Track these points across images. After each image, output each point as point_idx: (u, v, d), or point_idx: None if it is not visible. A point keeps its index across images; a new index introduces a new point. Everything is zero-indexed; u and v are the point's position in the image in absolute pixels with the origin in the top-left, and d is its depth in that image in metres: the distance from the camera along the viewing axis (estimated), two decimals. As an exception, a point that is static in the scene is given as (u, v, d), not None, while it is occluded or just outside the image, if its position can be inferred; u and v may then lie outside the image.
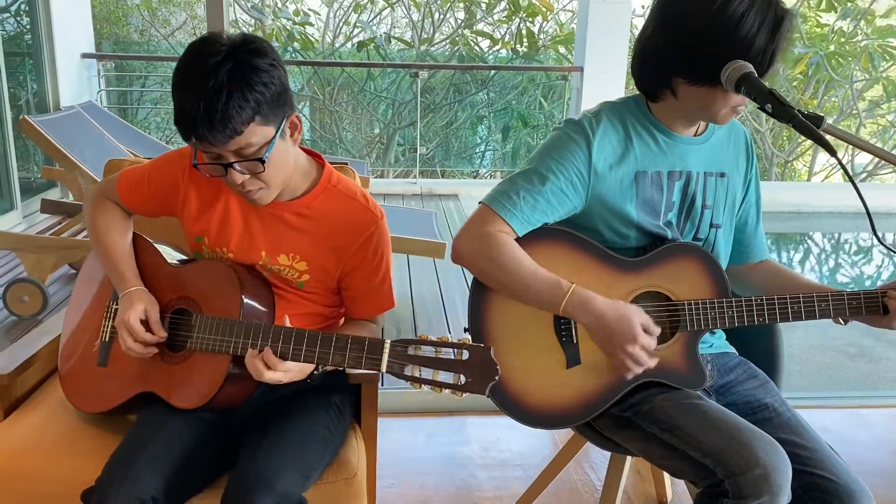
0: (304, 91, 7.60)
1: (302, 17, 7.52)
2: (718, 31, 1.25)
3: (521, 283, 1.37)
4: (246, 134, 1.27)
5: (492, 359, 1.19)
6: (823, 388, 3.24)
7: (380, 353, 1.23)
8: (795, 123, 1.17)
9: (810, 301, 1.43)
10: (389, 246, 1.54)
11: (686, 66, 1.31)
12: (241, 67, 1.25)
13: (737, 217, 1.58)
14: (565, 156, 1.40)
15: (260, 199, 1.39)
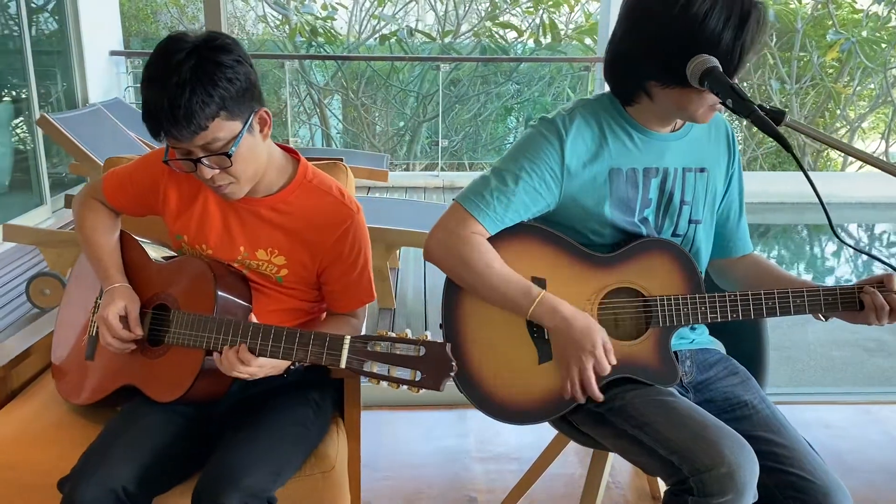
0: (328, 85, 7.65)
1: (330, 10, 7.58)
2: (683, 31, 1.24)
3: (490, 285, 1.39)
4: (212, 129, 1.30)
5: (447, 355, 1.20)
6: (837, 384, 3.18)
7: (339, 349, 1.25)
8: (754, 118, 1.17)
9: (785, 297, 1.41)
10: (367, 240, 1.56)
11: (656, 69, 1.30)
12: (204, 64, 1.28)
13: (718, 211, 1.56)
14: (538, 154, 1.40)
15: (231, 194, 1.41)
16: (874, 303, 1.38)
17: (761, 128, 1.16)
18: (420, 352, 1.21)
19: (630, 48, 1.34)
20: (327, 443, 1.56)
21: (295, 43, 7.29)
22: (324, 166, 2.01)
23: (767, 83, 7.81)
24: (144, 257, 1.56)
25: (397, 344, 1.23)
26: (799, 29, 7.36)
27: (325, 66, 7.59)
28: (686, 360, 1.55)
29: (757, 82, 7.92)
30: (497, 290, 1.38)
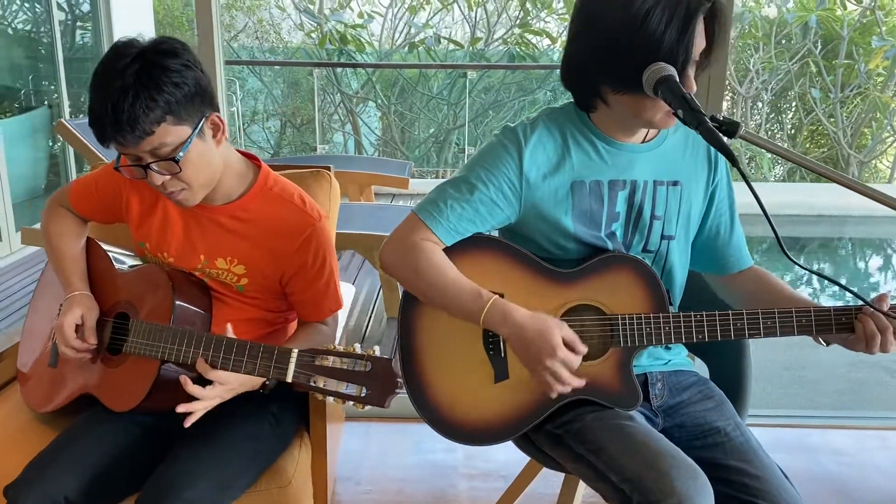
0: (360, 93, 7.70)
1: (366, 19, 7.63)
2: (625, 33, 1.20)
3: (442, 292, 1.34)
4: (158, 134, 1.29)
5: (392, 371, 1.18)
6: (852, 407, 3.04)
7: (286, 363, 1.23)
8: (702, 130, 1.12)
9: (755, 318, 1.33)
10: (332, 248, 1.53)
11: (606, 75, 1.27)
12: (148, 68, 1.27)
13: (707, 227, 1.49)
14: (496, 164, 1.36)
15: (185, 201, 1.40)
16: (878, 325, 1.28)
17: (708, 140, 1.11)
18: (366, 367, 1.19)
19: (579, 53, 1.30)
20: (286, 457, 1.54)
21: (326, 50, 7.35)
22: (308, 174, 2.00)
23: (808, 91, 7.59)
24: (109, 265, 1.56)
25: (344, 359, 1.20)
26: (844, 36, 7.15)
27: (356, 74, 7.64)
28: (657, 383, 1.48)
29: (798, 91, 7.72)
30: (449, 296, 1.33)
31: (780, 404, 3.06)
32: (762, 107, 7.94)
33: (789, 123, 8.13)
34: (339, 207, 2.07)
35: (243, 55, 7.85)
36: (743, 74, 7.80)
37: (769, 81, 7.64)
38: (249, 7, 8.02)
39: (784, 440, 2.52)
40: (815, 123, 7.78)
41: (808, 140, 8.15)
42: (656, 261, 1.45)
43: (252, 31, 7.95)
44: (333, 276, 1.53)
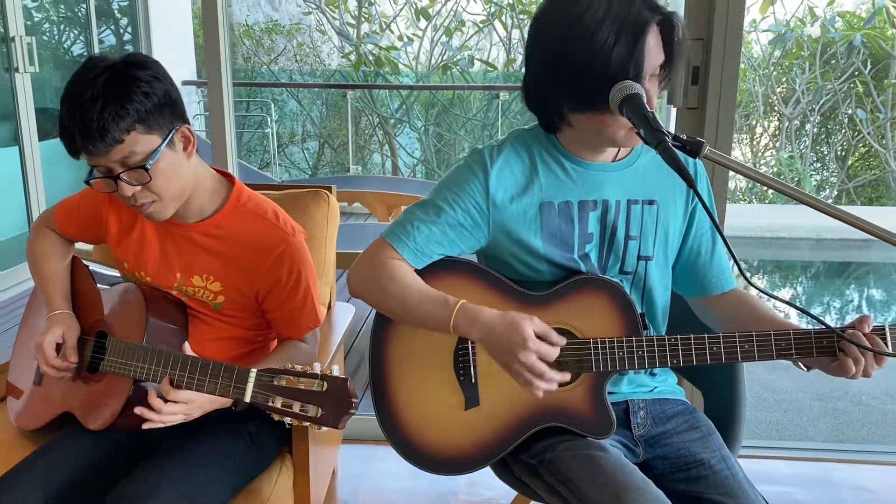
0: (395, 115, 7.75)
1: (406, 42, 7.70)
2: (576, 50, 1.18)
3: (409, 306, 1.32)
4: (128, 142, 1.29)
5: (348, 391, 1.15)
6: (887, 441, 2.89)
7: (244, 383, 1.21)
8: (661, 149, 1.08)
9: (731, 342, 1.27)
10: (308, 264, 1.52)
11: (562, 93, 1.24)
12: (118, 78, 1.29)
13: (687, 248, 1.44)
14: (462, 187, 1.34)
15: (156, 213, 1.39)
16: (860, 346, 1.21)
17: (666, 160, 1.07)
18: (323, 387, 1.16)
19: (535, 74, 1.28)
20: (264, 478, 1.53)
21: (363, 73, 7.43)
22: (306, 194, 2.00)
23: (854, 112, 7.37)
24: (91, 284, 1.57)
25: (302, 378, 1.18)
26: (895, 55, 6.93)
27: (396, 96, 7.72)
28: (640, 411, 1.43)
29: (845, 110, 7.49)
30: (415, 308, 1.31)
31: (808, 436, 2.93)
32: (810, 128, 7.73)
33: (839, 145, 7.89)
34: (337, 227, 2.07)
35: (282, 78, 7.99)
36: (789, 95, 7.62)
37: (814, 102, 7.44)
38: (289, 31, 8.16)
39: (807, 474, 2.40)
40: (867, 145, 7.54)
41: (858, 162, 7.90)
42: (635, 282, 1.40)
43: (292, 54, 8.08)
44: (310, 293, 1.51)
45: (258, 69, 8.00)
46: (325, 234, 2.00)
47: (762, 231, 6.33)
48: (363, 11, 7.61)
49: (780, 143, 7.76)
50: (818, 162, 8.04)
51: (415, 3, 7.45)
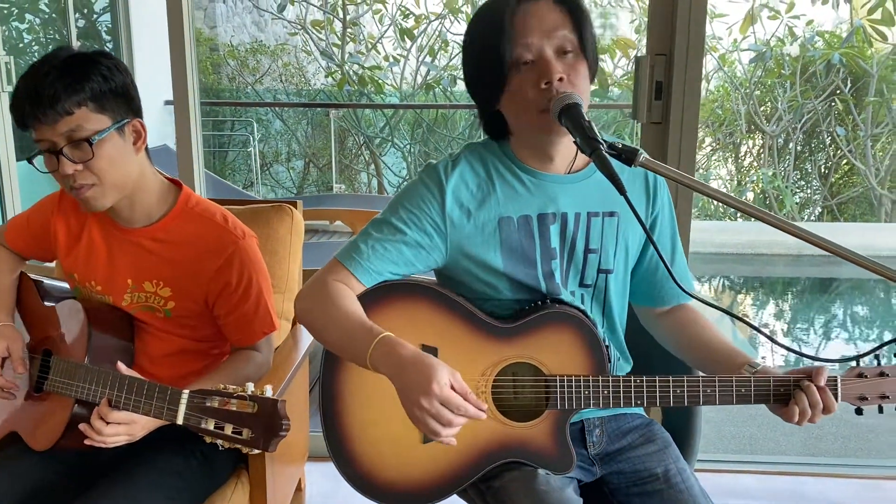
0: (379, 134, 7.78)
1: (391, 62, 7.75)
2: (467, 38, 1.27)
3: (336, 330, 1.24)
4: (77, 116, 1.30)
5: (278, 413, 1.12)
6: (858, 454, 2.89)
7: (177, 405, 1.19)
8: (595, 157, 1.09)
9: (694, 386, 1.26)
10: (259, 267, 1.51)
11: (475, 88, 1.30)
12: (80, 59, 1.32)
13: (647, 259, 1.43)
14: (417, 204, 1.31)
15: (93, 200, 1.37)
16: (810, 400, 1.21)
17: (600, 168, 1.08)
18: (253, 408, 1.15)
19: (468, 75, 1.31)
20: (216, 497, 1.51)
21: (346, 92, 7.47)
22: (269, 209, 2.00)
23: (833, 130, 7.43)
24: (38, 301, 1.56)
25: (233, 399, 1.16)
26: (873, 74, 7.00)
27: (381, 115, 7.75)
28: (595, 430, 1.42)
29: (826, 128, 7.56)
30: (341, 335, 1.23)
31: (781, 450, 2.93)
32: (793, 146, 7.79)
33: (821, 163, 7.95)
34: (302, 242, 2.06)
35: (267, 97, 8.02)
36: (772, 114, 7.69)
37: (795, 120, 7.50)
38: (274, 51, 8.21)
39: (777, 488, 2.40)
40: (850, 163, 7.60)
41: (840, 179, 7.96)
42: (595, 295, 1.38)
43: (277, 74, 8.11)
44: (263, 298, 1.50)
45: (243, 89, 8.03)
46: (288, 249, 1.99)
47: (743, 248, 6.36)
48: (348, 32, 7.66)
49: (763, 161, 7.81)
50: (802, 180, 8.10)
51: (400, 24, 7.51)
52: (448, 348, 1.30)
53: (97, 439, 1.26)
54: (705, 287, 6.50)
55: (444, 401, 1.08)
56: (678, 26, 2.11)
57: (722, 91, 7.87)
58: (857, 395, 1.26)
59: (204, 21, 8.00)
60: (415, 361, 1.11)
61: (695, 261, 6.32)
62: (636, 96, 2.20)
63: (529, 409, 1.30)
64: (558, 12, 1.23)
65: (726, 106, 7.78)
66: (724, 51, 7.54)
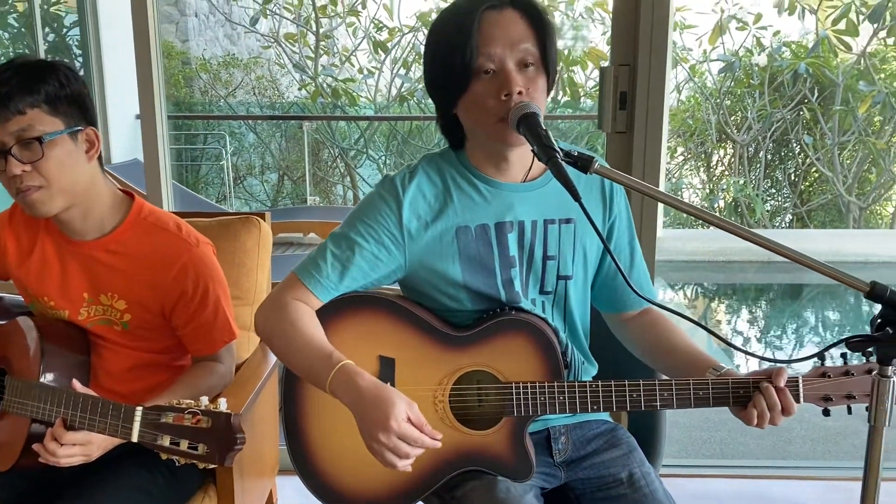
0: (354, 146, 7.79)
1: (366, 74, 7.77)
2: (429, 41, 1.27)
3: (295, 352, 1.27)
4: (29, 116, 1.31)
5: (232, 427, 1.12)
6: (825, 456, 2.93)
7: (131, 422, 1.19)
8: (551, 165, 1.11)
9: (651, 389, 1.27)
10: (216, 274, 1.51)
11: (435, 91, 1.29)
12: (38, 65, 1.34)
13: (606, 265, 1.44)
14: (375, 218, 1.31)
15: (39, 203, 1.36)
16: (768, 402, 1.22)
17: (556, 175, 1.10)
18: (208, 423, 1.14)
19: (427, 79, 1.31)
20: (182, 510, 1.50)
21: (319, 104, 7.47)
22: (236, 221, 1.99)
23: (801, 139, 7.57)
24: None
25: (187, 414, 1.16)
26: (839, 83, 7.14)
27: (350, 128, 7.76)
28: (560, 437, 1.43)
29: (794, 137, 7.68)
30: (301, 358, 1.26)
31: (751, 454, 2.96)
32: (763, 155, 7.91)
33: (791, 170, 8.08)
34: (270, 254, 2.06)
35: (241, 110, 8.00)
36: (743, 123, 7.80)
37: (765, 129, 7.62)
38: (247, 64, 8.19)
39: (746, 491, 2.43)
40: (818, 170, 7.73)
41: (810, 187, 8.09)
42: (556, 302, 1.40)
43: (250, 87, 8.10)
44: (221, 306, 1.50)
45: (215, 102, 8.00)
46: (256, 260, 1.99)
47: (714, 255, 6.43)
48: (322, 45, 7.67)
49: (734, 170, 7.92)
50: (772, 188, 8.22)
51: (373, 37, 7.54)
52: (405, 358, 1.31)
53: (51, 461, 1.25)
54: (679, 295, 6.57)
55: (402, 436, 1.13)
56: (641, 37, 2.14)
57: (693, 101, 7.98)
58: (821, 396, 1.24)
59: (176, 35, 7.97)
60: (373, 396, 1.15)
61: (667, 269, 6.39)
62: (601, 106, 2.24)
63: (487, 417, 1.30)
64: (524, 24, 1.24)
65: (697, 116, 7.89)
66: (694, 61, 7.66)
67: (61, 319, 1.48)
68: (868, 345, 1.01)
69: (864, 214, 7.68)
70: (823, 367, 1.24)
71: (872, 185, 7.72)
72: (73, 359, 1.43)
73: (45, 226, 1.49)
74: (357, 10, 7.41)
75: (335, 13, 7.65)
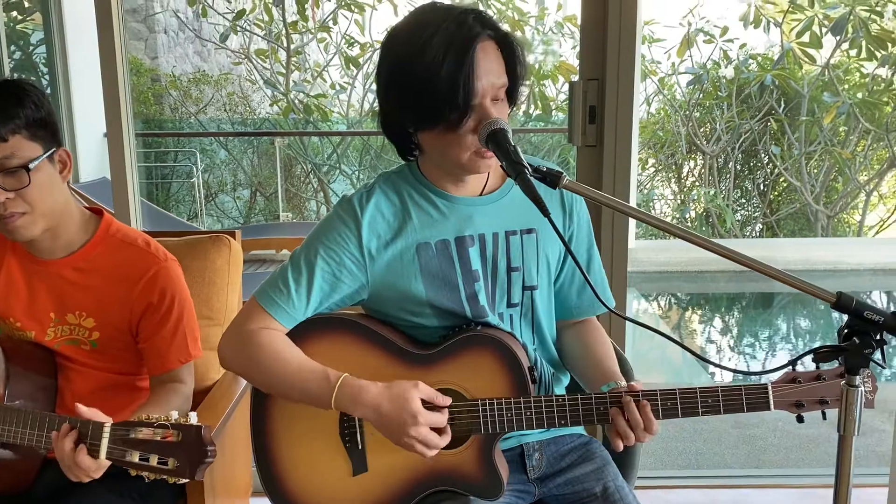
0: (327, 161, 7.77)
1: (338, 89, 7.76)
2: (409, 64, 1.18)
3: (286, 382, 1.27)
4: (11, 143, 1.30)
5: (202, 440, 1.11)
6: (798, 465, 2.96)
7: (99, 439, 1.16)
8: (520, 181, 1.10)
9: (561, 407, 1.27)
10: (182, 291, 1.50)
11: (403, 111, 1.23)
12: (11, 86, 1.34)
13: (564, 274, 1.44)
14: (334, 239, 1.30)
15: (23, 229, 1.36)
16: (630, 422, 1.22)
17: (524, 190, 1.10)
18: (178, 437, 1.12)
19: (380, 96, 1.27)
20: (152, 535, 1.47)
21: (291, 120, 7.45)
22: (206, 240, 1.97)
23: (769, 149, 7.69)
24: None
25: (157, 429, 1.14)
26: (805, 94, 7.28)
27: (322, 143, 7.74)
28: (534, 454, 1.42)
29: (762, 148, 7.81)
30: (294, 386, 1.26)
31: (726, 464, 2.97)
32: (732, 165, 8.02)
33: (760, 180, 8.20)
34: (241, 273, 2.04)
35: (211, 127, 7.94)
36: (712, 134, 7.91)
37: (732, 140, 7.73)
38: (217, 81, 8.15)
39: (721, 500, 2.44)
40: (786, 180, 7.85)
41: (779, 196, 8.21)
42: (524, 313, 1.39)
43: (221, 103, 8.05)
44: (183, 322, 1.48)
45: (186, 119, 7.94)
46: (226, 279, 1.96)
47: (687, 266, 6.50)
48: (293, 61, 7.66)
49: (704, 181, 8.02)
50: (742, 197, 8.33)
51: (345, 52, 7.54)
52: (370, 379, 1.29)
53: (83, 478, 1.23)
54: (653, 305, 6.62)
55: (426, 427, 1.20)
56: (609, 51, 2.16)
57: (662, 113, 8.08)
58: (793, 402, 1.23)
59: (145, 52, 7.91)
60: (387, 398, 1.21)
61: (641, 280, 6.43)
62: (571, 120, 2.25)
63: (455, 435, 1.28)
64: (500, 57, 1.22)
65: (667, 128, 7.99)
66: (662, 74, 7.77)
67: (28, 341, 1.45)
68: (835, 355, 1.02)
69: (832, 223, 7.81)
70: (794, 372, 1.23)
71: (839, 194, 7.86)
72: (40, 381, 1.41)
73: (11, 246, 1.48)
74: (328, 25, 7.41)
75: (306, 29, 7.64)
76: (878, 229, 8.04)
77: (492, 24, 1.21)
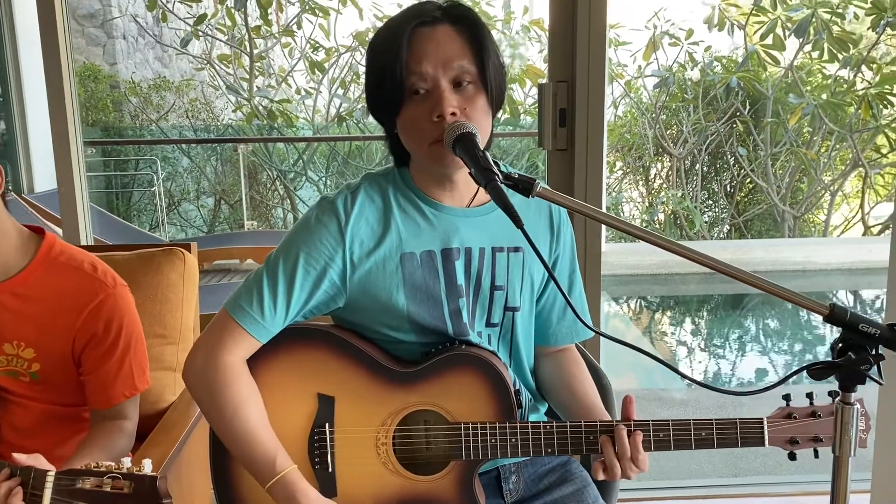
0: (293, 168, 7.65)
1: (303, 95, 7.64)
2: (369, 54, 1.20)
3: (234, 436, 1.19)
4: None
5: (157, 492, 1.00)
6: (777, 472, 2.92)
7: (41, 489, 1.05)
8: (490, 188, 1.02)
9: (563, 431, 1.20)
10: (132, 320, 1.39)
11: (371, 107, 1.23)
12: None
13: (546, 297, 1.36)
14: (315, 245, 1.20)
15: None
16: (618, 452, 1.16)
17: (494, 198, 1.02)
18: (130, 488, 1.02)
19: (367, 102, 1.24)
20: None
21: (255, 126, 7.31)
22: (158, 253, 1.86)
23: (736, 150, 7.73)
24: None
25: (106, 478, 1.03)
26: (769, 96, 7.33)
27: (288, 149, 7.62)
28: (511, 476, 1.34)
29: (728, 150, 7.85)
30: (240, 445, 1.18)
31: (703, 474, 2.93)
32: (699, 167, 8.05)
33: (727, 182, 8.24)
34: (196, 288, 1.93)
35: (173, 134, 7.76)
36: (679, 136, 7.93)
37: (699, 142, 7.76)
38: (179, 87, 7.97)
39: (702, 513, 2.38)
40: (753, 181, 7.91)
41: (746, 198, 8.26)
42: (502, 335, 1.31)
43: (183, 110, 7.88)
44: (130, 353, 1.38)
45: (147, 126, 7.75)
46: (181, 295, 1.86)
47: (657, 268, 6.50)
48: (257, 66, 7.52)
49: (672, 183, 8.04)
50: (710, 199, 8.37)
51: (310, 57, 7.42)
52: (346, 397, 1.22)
53: None
54: (623, 308, 6.60)
55: None
56: (578, 53, 2.10)
57: (629, 116, 8.09)
58: (787, 439, 1.19)
59: (103, 58, 7.71)
60: None
61: (611, 283, 6.41)
62: (541, 124, 2.18)
63: (435, 460, 1.21)
64: (458, 40, 1.16)
65: (634, 130, 8.00)
66: (629, 77, 7.77)
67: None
68: (830, 372, 0.95)
69: (799, 223, 7.87)
70: (789, 407, 1.19)
71: (805, 195, 7.93)
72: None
73: None
74: (292, 30, 7.29)
75: (270, 33, 7.51)
76: (843, 229, 8.14)
77: (456, 13, 1.17)
